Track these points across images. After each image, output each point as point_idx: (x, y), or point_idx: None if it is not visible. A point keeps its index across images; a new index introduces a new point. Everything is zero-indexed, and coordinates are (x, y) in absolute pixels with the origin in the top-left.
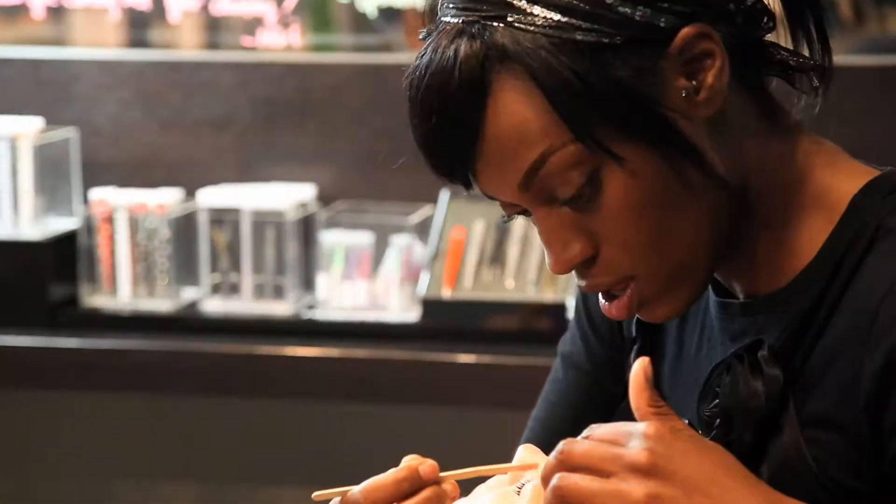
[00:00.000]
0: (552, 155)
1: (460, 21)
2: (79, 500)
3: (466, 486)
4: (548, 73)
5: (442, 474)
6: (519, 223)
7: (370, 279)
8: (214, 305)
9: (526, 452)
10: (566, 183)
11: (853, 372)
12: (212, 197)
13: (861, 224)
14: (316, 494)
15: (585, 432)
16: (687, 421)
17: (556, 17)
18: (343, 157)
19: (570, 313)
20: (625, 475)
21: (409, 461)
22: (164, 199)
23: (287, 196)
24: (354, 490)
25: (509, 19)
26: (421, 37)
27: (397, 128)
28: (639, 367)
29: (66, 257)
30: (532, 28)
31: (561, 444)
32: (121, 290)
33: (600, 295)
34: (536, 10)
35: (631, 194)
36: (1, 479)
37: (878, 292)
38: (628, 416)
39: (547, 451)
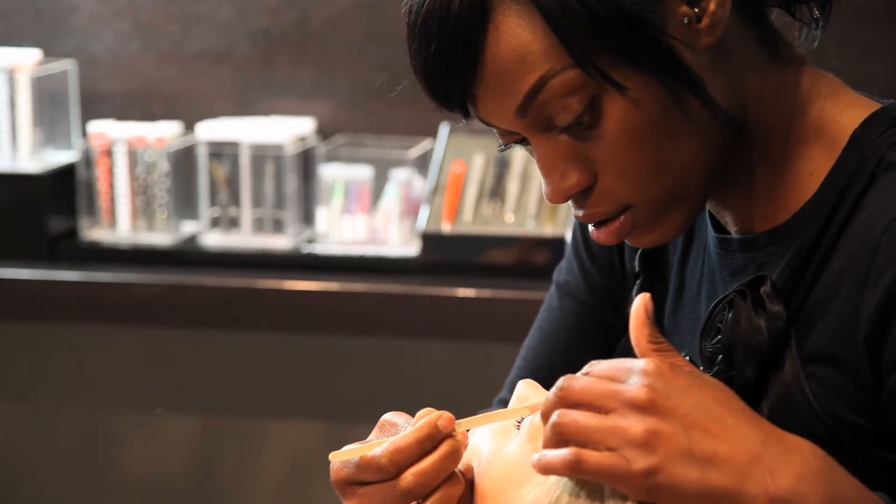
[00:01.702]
0: (551, 79)
1: None
2: (78, 433)
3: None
4: None
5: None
6: (519, 157)
7: (369, 213)
8: (214, 239)
9: (526, 388)
10: (565, 109)
11: (853, 307)
12: (211, 130)
13: (862, 158)
14: (333, 454)
15: (585, 368)
16: (688, 357)
17: None
18: (342, 91)
19: None
20: (624, 411)
21: (426, 416)
22: (163, 133)
23: (286, 130)
24: (376, 451)
25: None
26: None
27: (397, 60)
28: (639, 304)
29: (65, 190)
30: None
31: (560, 381)
32: (120, 224)
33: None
34: None
35: (631, 122)
36: (0, 411)
37: (878, 227)
38: (628, 353)
39: (540, 379)
